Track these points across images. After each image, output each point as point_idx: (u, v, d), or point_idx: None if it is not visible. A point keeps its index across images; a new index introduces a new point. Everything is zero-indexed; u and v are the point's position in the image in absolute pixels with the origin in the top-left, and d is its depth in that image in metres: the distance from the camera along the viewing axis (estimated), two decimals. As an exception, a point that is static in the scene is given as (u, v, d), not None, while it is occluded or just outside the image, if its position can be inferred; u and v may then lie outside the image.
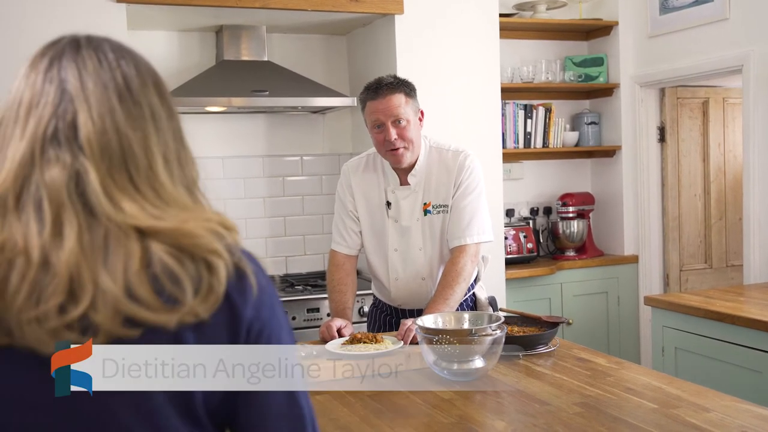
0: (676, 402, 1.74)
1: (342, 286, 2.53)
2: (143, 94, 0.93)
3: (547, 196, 4.74)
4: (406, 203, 2.48)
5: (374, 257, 2.56)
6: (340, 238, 2.58)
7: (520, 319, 2.45)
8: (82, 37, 0.95)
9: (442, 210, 2.46)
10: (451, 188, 2.45)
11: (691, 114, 4.63)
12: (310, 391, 1.96)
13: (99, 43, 0.94)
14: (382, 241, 2.52)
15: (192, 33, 3.88)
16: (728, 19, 3.87)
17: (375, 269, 2.58)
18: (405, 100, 2.39)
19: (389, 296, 2.57)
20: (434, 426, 1.66)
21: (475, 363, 1.96)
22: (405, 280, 2.51)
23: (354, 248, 2.58)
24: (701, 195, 4.67)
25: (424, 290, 2.50)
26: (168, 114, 0.95)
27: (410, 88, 2.43)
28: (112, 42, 0.96)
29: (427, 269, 2.49)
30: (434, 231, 2.47)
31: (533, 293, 4.24)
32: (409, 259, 2.49)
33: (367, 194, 2.53)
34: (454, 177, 2.44)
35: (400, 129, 2.36)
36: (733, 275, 4.71)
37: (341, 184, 2.59)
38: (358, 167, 2.57)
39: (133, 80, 0.93)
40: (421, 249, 2.48)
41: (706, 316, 3.08)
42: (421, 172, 2.47)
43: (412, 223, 2.47)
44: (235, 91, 3.52)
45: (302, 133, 4.10)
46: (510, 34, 4.43)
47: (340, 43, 4.17)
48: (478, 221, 2.44)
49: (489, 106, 3.87)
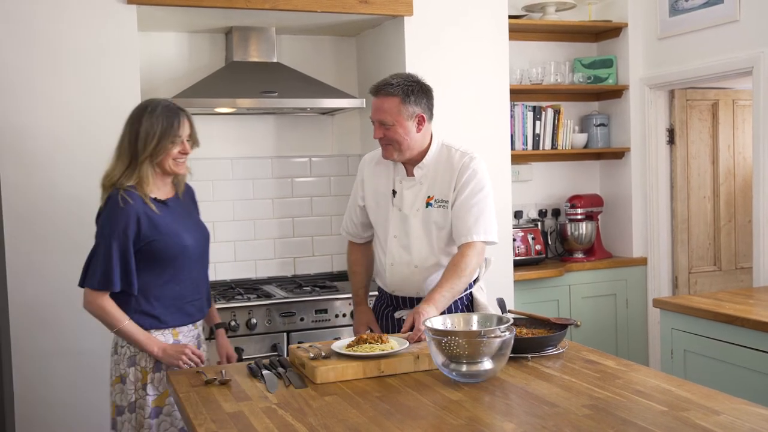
0: (686, 405, 1.74)
1: (356, 266, 2.85)
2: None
3: (555, 197, 4.74)
4: (409, 193, 2.60)
5: (377, 242, 2.72)
6: (346, 225, 2.84)
7: (528, 320, 2.45)
8: None
9: (443, 205, 2.56)
10: (452, 186, 2.54)
11: (701, 116, 4.61)
12: (320, 392, 1.98)
13: None
14: (385, 227, 2.65)
15: (202, 34, 3.89)
16: (738, 21, 3.86)
17: (376, 253, 2.73)
18: (398, 104, 2.48)
19: (385, 281, 2.68)
20: (443, 427, 1.66)
21: (484, 365, 1.96)
22: (399, 266, 2.61)
23: (355, 237, 2.83)
24: (710, 197, 4.65)
25: (416, 278, 2.60)
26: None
27: (411, 93, 2.49)
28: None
29: (420, 258, 2.58)
30: (432, 223, 2.57)
31: (541, 295, 4.24)
32: (406, 247, 2.60)
33: (377, 184, 2.69)
34: (456, 176, 2.54)
35: (385, 130, 2.51)
36: (742, 278, 4.69)
37: (357, 176, 2.79)
38: (372, 159, 2.74)
39: None
40: (418, 238, 2.59)
41: (715, 318, 3.07)
42: (428, 167, 2.59)
43: (411, 213, 2.58)
44: (245, 92, 3.53)
45: (311, 134, 4.11)
46: (519, 36, 4.43)
47: (350, 44, 4.17)
48: (484, 221, 2.53)
49: (498, 108, 3.87)
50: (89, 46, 3.15)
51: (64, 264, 3.10)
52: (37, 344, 3.09)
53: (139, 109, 2.40)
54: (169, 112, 2.38)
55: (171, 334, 2.42)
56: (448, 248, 2.57)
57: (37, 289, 3.09)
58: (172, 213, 2.42)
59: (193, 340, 2.49)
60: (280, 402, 1.88)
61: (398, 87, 2.47)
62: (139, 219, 2.32)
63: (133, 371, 2.38)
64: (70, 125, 3.13)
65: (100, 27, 3.17)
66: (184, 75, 3.84)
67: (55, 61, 3.10)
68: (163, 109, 2.38)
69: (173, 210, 2.44)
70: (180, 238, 2.39)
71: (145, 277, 2.36)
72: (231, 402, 1.90)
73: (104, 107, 3.16)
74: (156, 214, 2.36)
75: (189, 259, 2.42)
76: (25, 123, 3.07)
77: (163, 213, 2.39)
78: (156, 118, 2.35)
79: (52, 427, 3.11)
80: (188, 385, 2.06)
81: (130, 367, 2.38)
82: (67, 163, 3.12)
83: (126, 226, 2.31)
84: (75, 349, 3.13)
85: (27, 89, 3.07)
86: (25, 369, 3.08)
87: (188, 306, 2.45)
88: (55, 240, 3.10)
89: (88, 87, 3.15)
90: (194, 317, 2.49)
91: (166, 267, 2.38)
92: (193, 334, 2.50)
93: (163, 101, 2.42)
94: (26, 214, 3.07)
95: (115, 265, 2.30)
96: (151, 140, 2.34)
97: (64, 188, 3.11)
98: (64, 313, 3.11)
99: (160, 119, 2.35)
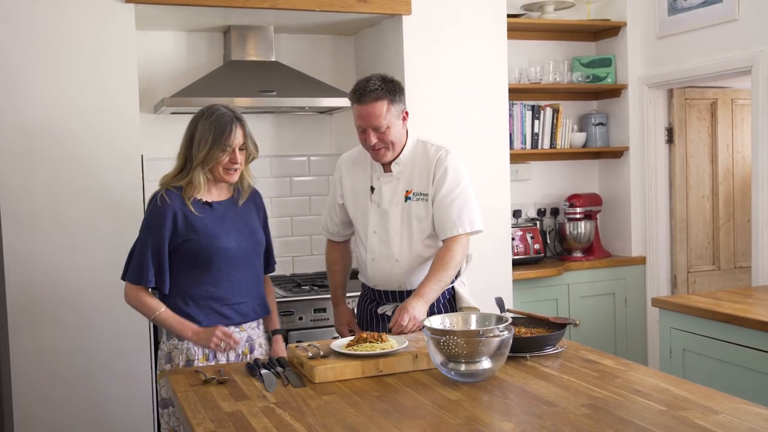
0: (684, 404, 1.74)
1: (334, 265, 2.89)
2: None
3: (554, 197, 4.74)
4: (387, 188, 2.64)
5: (357, 238, 2.76)
6: (326, 224, 2.88)
7: (527, 320, 2.45)
8: None
9: (422, 198, 2.61)
10: (430, 180, 2.59)
11: (700, 115, 4.61)
12: (319, 391, 1.98)
13: None
14: (364, 223, 2.68)
15: (200, 33, 3.89)
16: (737, 20, 3.86)
17: (358, 249, 2.76)
18: (387, 107, 2.51)
19: (367, 276, 2.73)
20: (441, 427, 1.66)
21: (483, 364, 1.96)
22: (380, 260, 2.65)
23: (334, 236, 2.87)
24: (709, 196, 4.66)
25: (397, 272, 2.63)
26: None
27: (395, 92, 2.54)
28: None
29: (400, 252, 2.62)
30: (413, 217, 2.61)
31: (540, 294, 4.24)
32: (386, 241, 2.64)
33: (355, 182, 2.73)
34: (433, 169, 2.59)
35: (380, 134, 2.54)
36: (741, 277, 4.69)
37: (335, 175, 2.82)
38: (349, 159, 2.78)
39: None
40: (397, 232, 2.62)
41: (714, 317, 3.07)
42: (405, 163, 2.63)
43: (391, 208, 2.63)
44: (243, 91, 3.53)
45: (309, 133, 4.11)
46: (518, 35, 4.43)
47: (348, 43, 4.17)
48: (467, 213, 2.58)
49: (496, 107, 3.86)
50: (87, 45, 3.14)
51: (62, 263, 3.10)
52: (35, 343, 3.08)
53: (198, 114, 2.43)
54: (222, 121, 2.37)
55: None
56: (429, 240, 2.62)
57: (35, 287, 3.08)
58: (214, 215, 2.43)
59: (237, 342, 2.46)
60: (279, 401, 1.88)
61: (382, 90, 2.49)
62: (176, 218, 2.36)
63: (169, 368, 2.42)
64: (68, 124, 3.12)
65: (98, 26, 3.16)
66: (183, 74, 3.83)
67: (53, 60, 3.10)
68: (218, 117, 2.38)
69: (218, 212, 2.44)
70: (217, 239, 2.39)
71: (182, 275, 2.40)
72: (229, 401, 1.90)
73: (102, 106, 3.16)
74: (194, 215, 2.38)
75: (229, 261, 2.42)
76: (23, 121, 3.06)
77: (203, 214, 2.40)
78: (210, 125, 2.37)
79: (51, 427, 3.11)
80: (186, 385, 2.06)
81: (167, 363, 2.43)
82: (65, 162, 3.11)
83: (161, 224, 2.36)
84: (74, 348, 3.13)
85: (25, 88, 3.06)
86: (23, 368, 3.07)
87: (227, 309, 2.44)
88: (54, 239, 3.10)
89: (86, 86, 3.14)
90: (233, 321, 2.46)
91: (203, 267, 2.39)
92: (237, 338, 2.45)
93: (222, 108, 2.43)
94: (25, 212, 3.07)
95: (149, 262, 2.36)
96: (203, 147, 2.36)
97: (62, 186, 3.11)
98: (62, 312, 3.10)
99: (213, 127, 2.36)
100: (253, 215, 2.57)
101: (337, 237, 2.87)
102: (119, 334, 3.17)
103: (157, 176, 2.46)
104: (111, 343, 3.16)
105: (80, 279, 3.13)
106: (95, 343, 3.15)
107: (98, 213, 3.15)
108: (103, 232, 3.15)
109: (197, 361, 2.39)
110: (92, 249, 3.14)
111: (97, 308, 3.14)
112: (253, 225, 2.55)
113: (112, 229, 3.16)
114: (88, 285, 3.13)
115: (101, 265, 3.13)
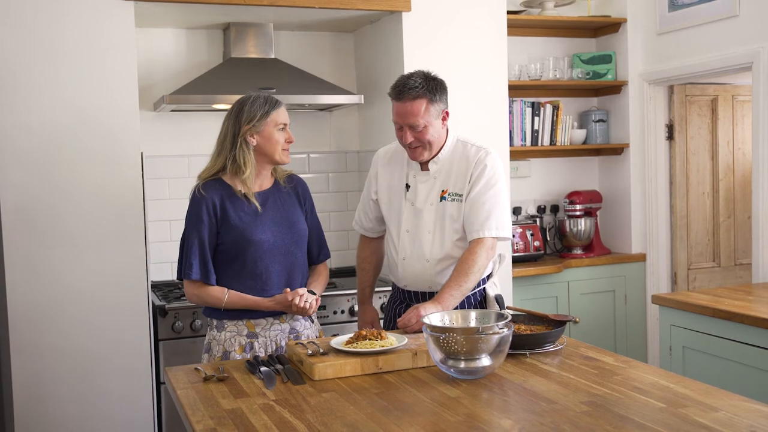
0: (684, 401, 1.74)
1: (364, 263, 2.83)
2: None
3: (554, 193, 4.73)
4: (423, 187, 2.59)
5: (389, 236, 2.70)
6: (360, 219, 2.82)
7: (527, 317, 2.45)
8: None
9: (457, 198, 2.54)
10: (467, 180, 2.54)
11: (700, 111, 4.61)
12: (318, 388, 1.98)
13: None
14: (398, 221, 2.63)
15: (199, 30, 3.88)
16: (738, 16, 3.85)
17: (389, 248, 2.71)
18: (426, 106, 2.46)
19: (397, 276, 2.67)
20: (441, 424, 1.66)
21: (482, 361, 1.96)
22: (411, 260, 2.59)
23: (368, 231, 2.81)
24: (710, 193, 4.65)
25: (428, 273, 2.58)
26: None
27: (435, 91, 2.49)
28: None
29: (432, 253, 2.56)
30: (446, 217, 2.55)
31: (540, 291, 4.24)
32: (418, 241, 2.58)
33: (391, 179, 2.68)
34: (471, 170, 2.54)
35: (416, 133, 2.49)
36: (741, 274, 4.69)
37: (370, 171, 2.78)
38: (386, 154, 2.74)
39: None
40: (430, 232, 2.57)
41: (714, 315, 3.07)
42: (443, 162, 2.58)
43: (425, 207, 2.57)
44: (243, 88, 3.52)
45: (309, 130, 4.10)
46: (518, 31, 4.43)
47: (348, 40, 4.17)
48: (496, 216, 2.51)
49: (496, 104, 3.86)
50: (87, 43, 3.14)
51: (63, 262, 3.10)
52: (36, 343, 3.08)
53: (239, 101, 2.46)
54: (270, 99, 2.45)
55: (246, 326, 2.46)
56: (461, 242, 2.55)
57: (36, 287, 3.08)
58: (252, 207, 2.44)
59: (279, 334, 2.47)
60: (278, 399, 1.88)
61: (422, 88, 2.45)
62: (214, 208, 2.41)
63: (206, 357, 2.48)
64: (68, 122, 3.12)
65: (97, 24, 3.16)
66: (182, 71, 3.83)
67: (53, 58, 3.09)
68: (265, 97, 2.45)
69: (254, 205, 2.44)
70: (249, 232, 2.41)
71: (224, 268, 2.45)
72: (229, 399, 1.90)
73: (102, 104, 3.15)
74: (228, 206, 2.41)
75: (265, 253, 2.43)
76: (23, 119, 3.06)
77: (236, 206, 2.43)
78: (259, 105, 2.42)
79: (51, 426, 3.11)
80: (186, 382, 2.06)
81: (205, 353, 2.49)
82: (65, 159, 3.11)
83: (200, 217, 2.41)
84: (74, 347, 3.13)
85: (25, 86, 3.06)
86: (24, 367, 3.07)
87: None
88: (54, 236, 3.10)
89: (85, 83, 3.14)
90: (272, 312, 2.47)
91: (239, 259, 2.42)
92: (277, 329, 2.48)
93: (262, 93, 2.50)
94: (25, 211, 3.07)
95: (194, 255, 2.40)
96: (259, 118, 2.41)
97: (62, 184, 3.11)
98: (63, 310, 3.10)
99: (262, 106, 2.42)
100: (294, 205, 2.56)
101: (372, 233, 2.80)
102: (119, 333, 3.17)
103: (157, 174, 2.46)
104: (111, 342, 3.16)
105: (80, 277, 3.13)
106: (95, 342, 3.15)
107: (98, 211, 3.15)
108: (104, 229, 3.15)
109: (234, 353, 2.43)
110: (92, 246, 3.14)
111: (98, 306, 3.14)
112: (294, 215, 2.53)
113: (113, 226, 3.16)
114: (89, 283, 3.13)
115: (101, 263, 3.13)
